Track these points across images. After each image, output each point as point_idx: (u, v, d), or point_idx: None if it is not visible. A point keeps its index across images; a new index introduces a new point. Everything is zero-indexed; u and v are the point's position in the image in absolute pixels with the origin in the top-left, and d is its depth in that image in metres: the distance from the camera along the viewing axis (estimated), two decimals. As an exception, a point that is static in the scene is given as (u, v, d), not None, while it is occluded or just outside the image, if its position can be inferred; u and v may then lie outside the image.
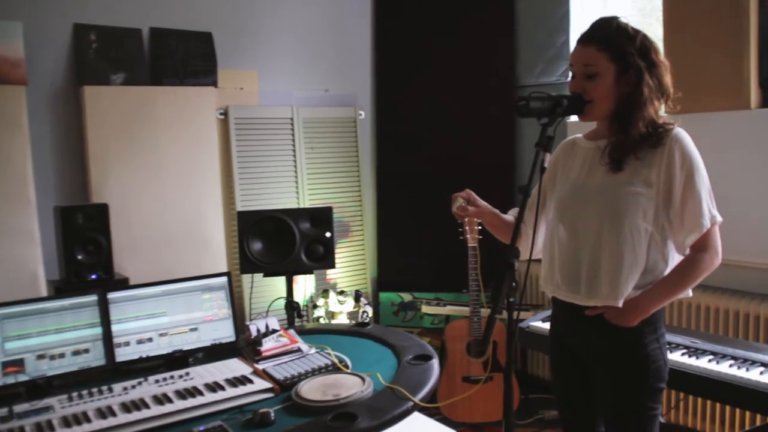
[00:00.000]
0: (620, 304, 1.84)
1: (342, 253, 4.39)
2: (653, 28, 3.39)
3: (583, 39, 1.87)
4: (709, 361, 2.43)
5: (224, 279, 2.53)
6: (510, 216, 2.18)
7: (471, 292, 3.64)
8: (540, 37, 4.15)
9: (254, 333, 2.51)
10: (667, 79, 1.85)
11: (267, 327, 2.55)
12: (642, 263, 1.84)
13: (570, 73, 1.91)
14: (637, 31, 1.84)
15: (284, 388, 2.09)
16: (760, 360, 2.39)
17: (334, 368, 2.25)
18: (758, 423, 2.99)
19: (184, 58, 3.72)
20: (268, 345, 2.45)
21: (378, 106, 4.66)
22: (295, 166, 4.21)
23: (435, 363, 2.27)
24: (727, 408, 3.20)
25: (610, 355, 1.91)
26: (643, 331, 1.86)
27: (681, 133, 1.82)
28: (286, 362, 2.34)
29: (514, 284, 1.62)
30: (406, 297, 4.54)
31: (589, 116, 1.89)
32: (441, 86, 4.48)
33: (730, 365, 2.38)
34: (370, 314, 4.06)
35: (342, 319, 4.02)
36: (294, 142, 4.19)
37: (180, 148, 3.67)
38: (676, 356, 2.49)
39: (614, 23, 1.85)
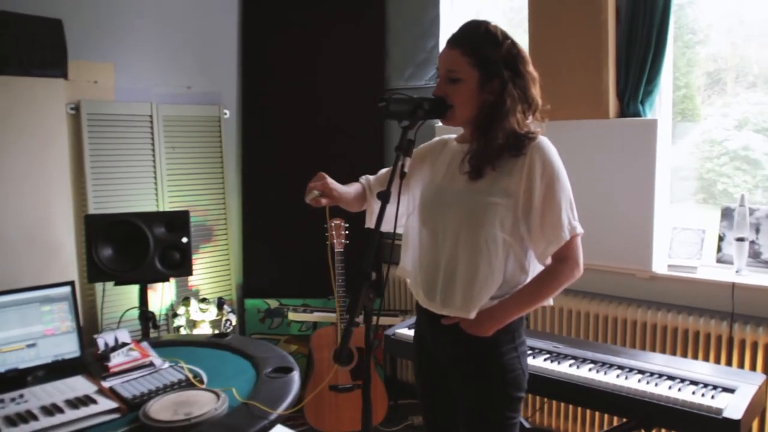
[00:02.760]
0: (472, 316, 1.79)
1: (205, 259, 4.21)
2: (522, 39, 3.48)
3: (450, 42, 1.81)
4: (570, 365, 2.49)
5: (67, 289, 2.33)
6: (356, 187, 2.12)
7: (338, 298, 3.58)
8: (410, 40, 4.17)
9: (102, 347, 2.33)
10: (534, 91, 1.80)
11: (116, 340, 2.38)
12: (498, 275, 1.79)
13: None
14: (506, 38, 1.78)
15: (132, 407, 1.95)
16: (617, 363, 2.48)
17: (187, 384, 2.12)
18: (615, 424, 3.12)
19: (29, 46, 3.39)
20: (117, 360, 2.28)
21: (244, 106, 4.51)
22: (155, 167, 3.97)
23: (296, 375, 2.19)
24: (590, 410, 3.32)
25: (466, 362, 1.86)
26: (500, 339, 1.82)
27: (543, 142, 1.77)
28: (136, 378, 2.18)
29: (372, 296, 1.56)
30: (273, 304, 4.41)
31: (450, 121, 1.84)
32: (310, 87, 4.39)
33: (590, 369, 2.45)
34: (234, 322, 3.91)
35: (204, 328, 3.83)
36: (153, 141, 3.95)
37: (24, 145, 3.33)
38: (539, 362, 2.54)
39: (483, 28, 1.79)
